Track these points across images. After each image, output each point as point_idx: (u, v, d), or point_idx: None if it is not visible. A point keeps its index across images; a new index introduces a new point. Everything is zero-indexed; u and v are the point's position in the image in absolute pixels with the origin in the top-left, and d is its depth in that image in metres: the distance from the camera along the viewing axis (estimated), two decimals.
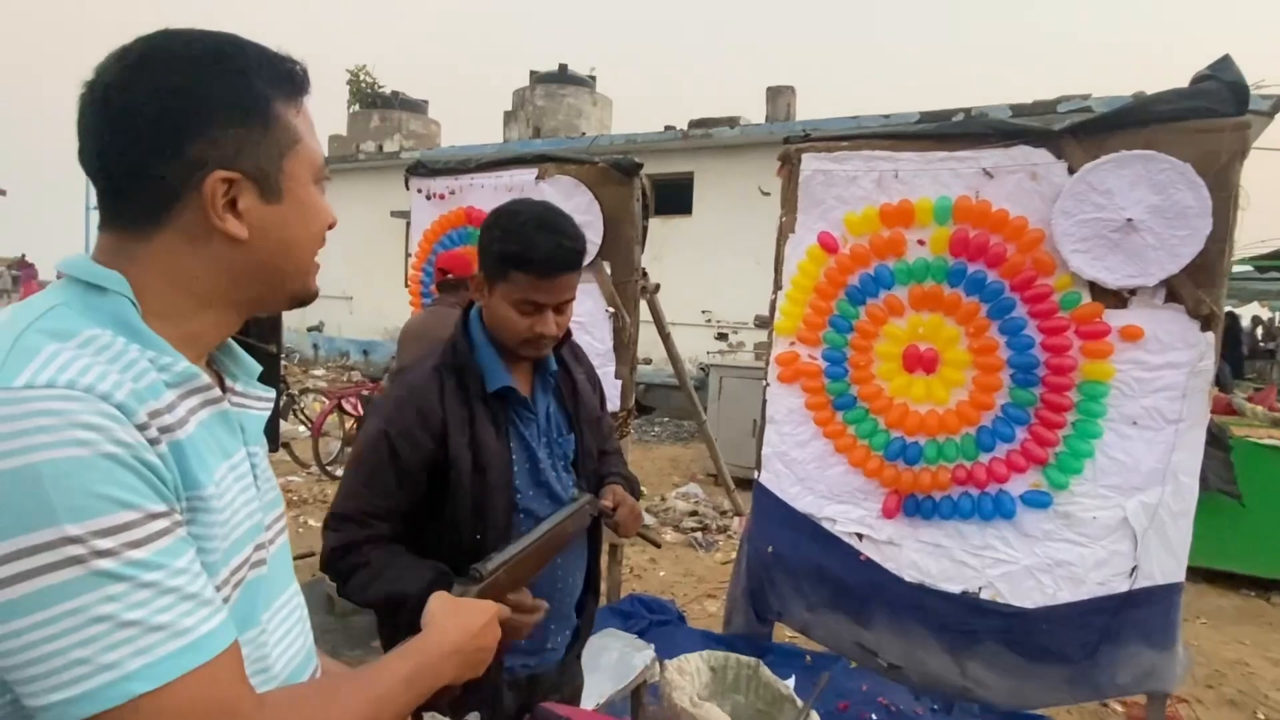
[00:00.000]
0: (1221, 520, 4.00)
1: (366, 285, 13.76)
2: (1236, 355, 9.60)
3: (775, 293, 2.78)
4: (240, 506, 0.72)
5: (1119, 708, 2.84)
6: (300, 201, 0.76)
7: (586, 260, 3.12)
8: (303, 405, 7.13)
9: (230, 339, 0.80)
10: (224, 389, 0.79)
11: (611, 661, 1.93)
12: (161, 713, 0.57)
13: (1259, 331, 15.90)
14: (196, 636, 0.60)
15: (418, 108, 17.56)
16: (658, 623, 2.95)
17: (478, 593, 1.04)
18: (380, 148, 15.86)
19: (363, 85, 17.99)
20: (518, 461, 1.34)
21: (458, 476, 1.28)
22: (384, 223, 12.88)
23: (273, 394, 0.87)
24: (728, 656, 1.63)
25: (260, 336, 1.63)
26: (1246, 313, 14.56)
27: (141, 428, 0.61)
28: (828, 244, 2.64)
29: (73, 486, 0.55)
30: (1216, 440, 3.87)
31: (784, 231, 2.75)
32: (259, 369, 0.86)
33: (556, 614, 1.39)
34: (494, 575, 1.07)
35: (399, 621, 1.16)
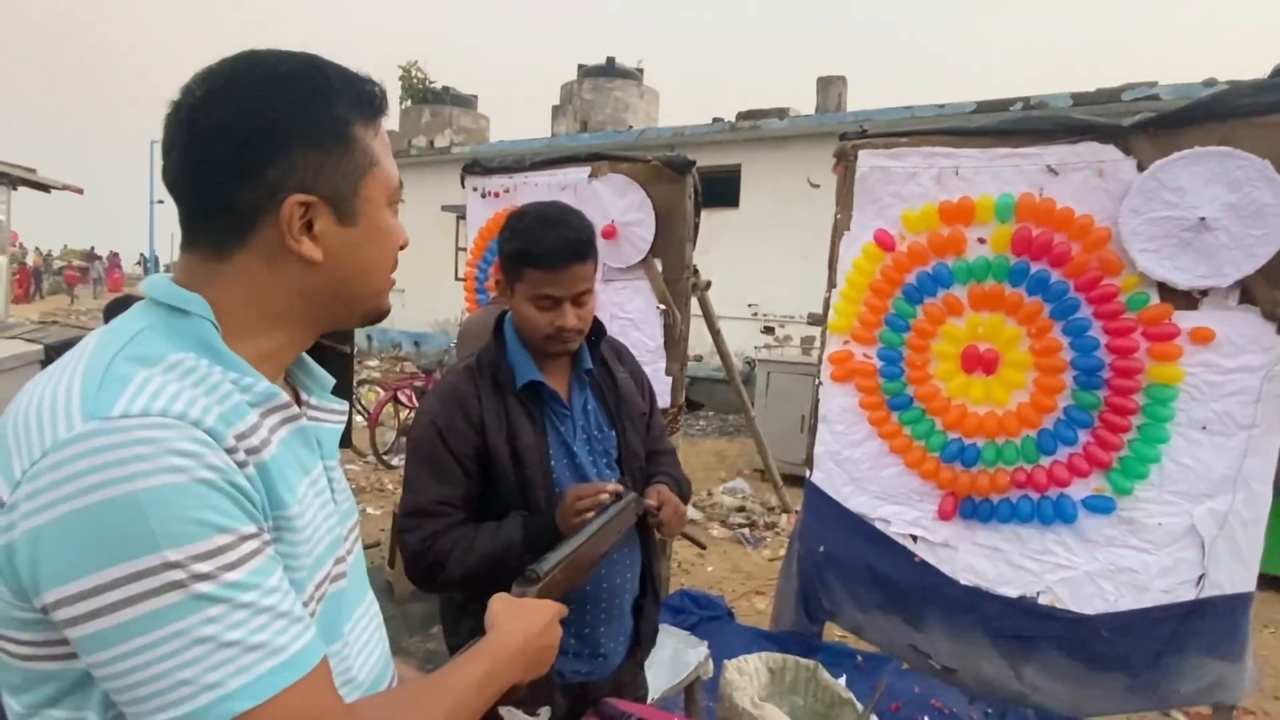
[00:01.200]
0: None
1: (418, 278, 13.96)
2: None
3: (829, 291, 2.77)
4: (321, 522, 0.74)
5: (1182, 717, 2.76)
6: (375, 225, 0.77)
7: (638, 258, 3.19)
8: (359, 395, 7.33)
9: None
10: (299, 402, 0.81)
11: (665, 658, 1.96)
12: None
13: None
14: (291, 654, 0.62)
15: (468, 103, 17.77)
16: (708, 618, 2.98)
17: (536, 593, 1.05)
18: (431, 143, 16.12)
19: (414, 81, 18.28)
20: (555, 456, 1.37)
21: (501, 469, 1.33)
22: (435, 217, 13.11)
23: (345, 406, 0.89)
24: (786, 658, 1.64)
25: (335, 338, 1.69)
26: None
27: (230, 451, 0.63)
28: (884, 242, 2.61)
29: (171, 513, 0.57)
30: None
31: (839, 229, 2.73)
32: (332, 381, 0.88)
33: (608, 617, 1.40)
34: (550, 575, 1.08)
35: (509, 569, 1.18)
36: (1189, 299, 2.17)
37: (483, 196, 3.73)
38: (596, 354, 1.47)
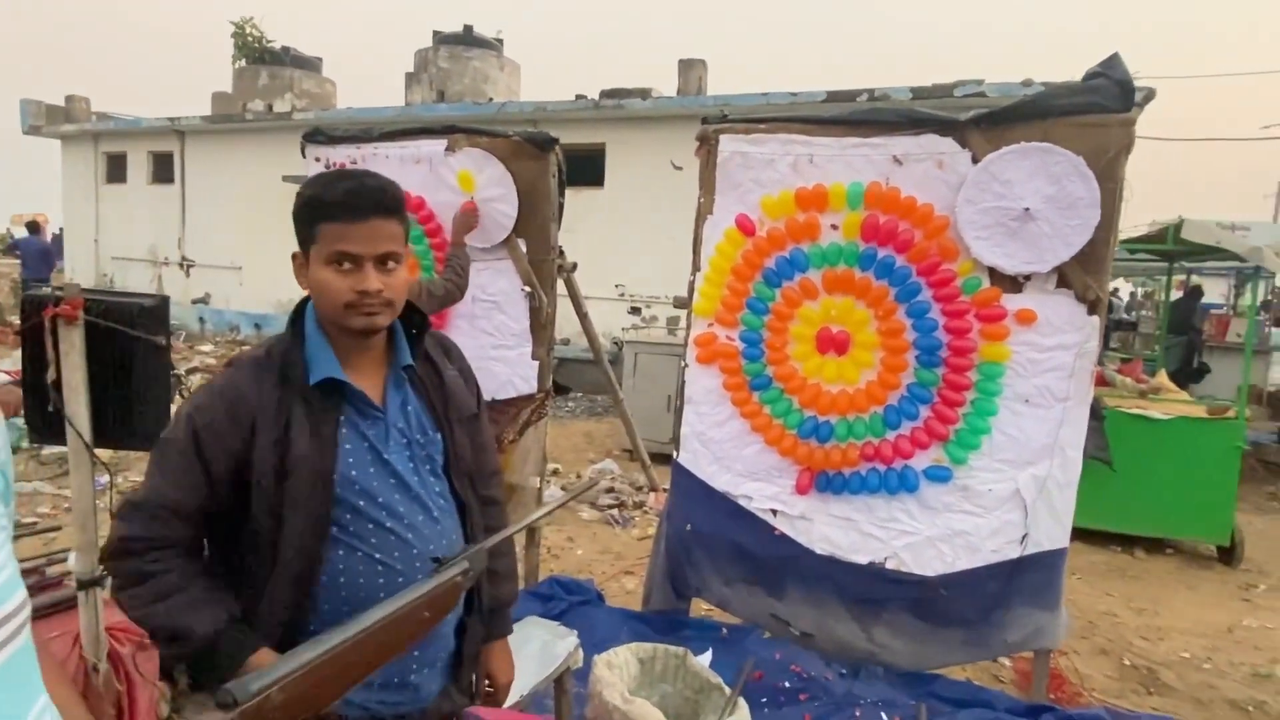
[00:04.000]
0: (1093, 483, 4.32)
1: (258, 254, 12.95)
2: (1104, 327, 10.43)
3: (694, 274, 2.79)
4: None
5: (1008, 663, 3.06)
6: None
7: (501, 236, 3.07)
8: (189, 385, 6.68)
9: None
10: None
11: (535, 650, 1.91)
12: None
13: (1124, 304, 17.38)
14: None
15: (311, 65, 16.47)
16: (577, 604, 2.95)
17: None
18: (270, 107, 14.83)
19: (249, 39, 16.70)
20: (358, 465, 1.17)
21: (260, 483, 1.13)
22: (276, 188, 12.11)
23: None
24: (655, 648, 1.64)
25: (147, 327, 1.48)
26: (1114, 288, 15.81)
27: None
28: (745, 226, 2.66)
29: None
30: (1092, 411, 4.20)
31: (702, 213, 2.75)
32: None
33: (422, 643, 1.17)
34: (258, 698, 0.76)
35: (178, 655, 1.06)
36: (1014, 283, 2.36)
37: (326, 168, 3.45)
38: (420, 349, 1.29)
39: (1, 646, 0.59)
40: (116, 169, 15.42)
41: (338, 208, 1.14)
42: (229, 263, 13.77)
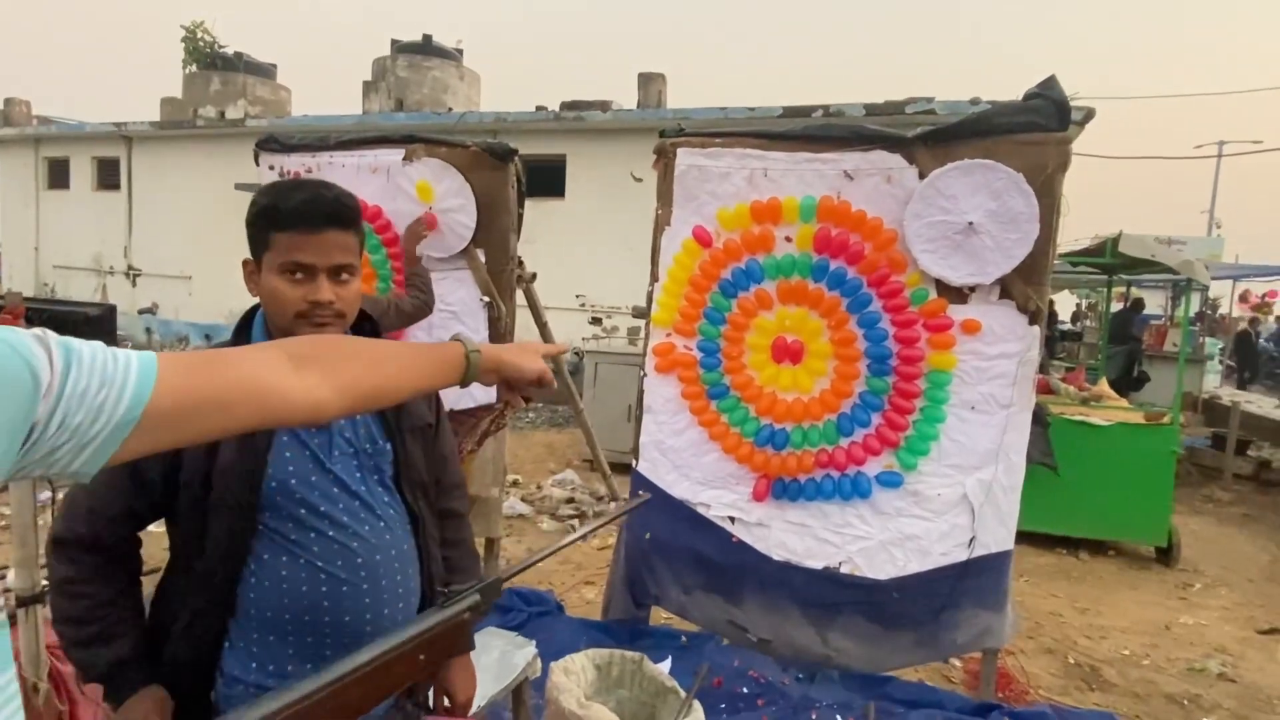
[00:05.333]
0: (1038, 488, 4.48)
1: (207, 264, 12.67)
2: (1049, 337, 10.79)
3: (652, 284, 2.82)
4: None
5: (959, 664, 3.14)
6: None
7: (460, 245, 3.06)
8: None
9: None
10: None
11: (493, 661, 1.91)
12: None
13: (1070, 314, 18.00)
14: None
15: (265, 72, 16.20)
16: (536, 614, 2.95)
17: None
18: (222, 114, 14.54)
19: (200, 44, 16.35)
20: (297, 476, 1.15)
21: (186, 483, 1.14)
22: (227, 196, 11.86)
23: None
24: (612, 653, 1.65)
25: (92, 338, 1.44)
26: (1057, 301, 16.39)
27: None
28: (702, 238, 2.70)
29: None
30: (1036, 417, 4.34)
31: (660, 224, 2.79)
32: None
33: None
34: None
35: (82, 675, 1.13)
36: (960, 294, 2.45)
37: (280, 176, 3.41)
38: None
39: None
40: (59, 174, 14.94)
41: (293, 217, 1.15)
42: (178, 272, 13.44)
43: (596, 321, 9.99)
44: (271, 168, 3.38)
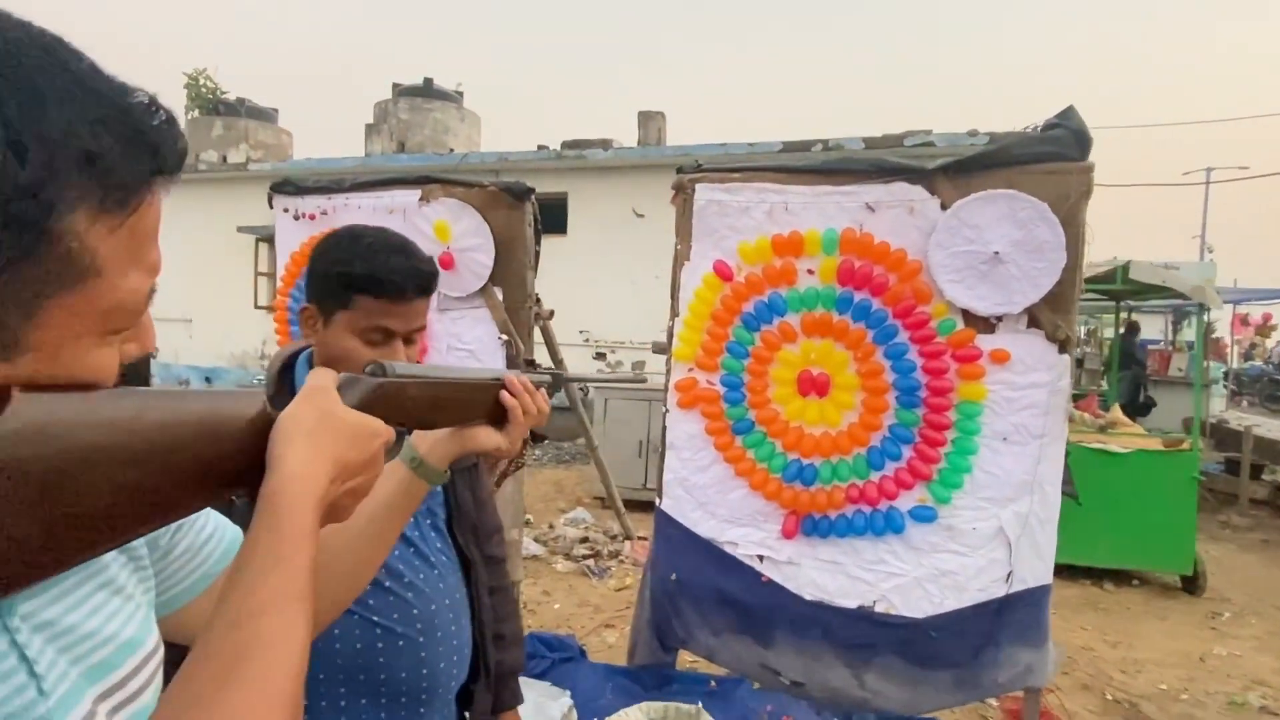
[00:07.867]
0: (1061, 518, 4.44)
1: (209, 307, 12.66)
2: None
3: (672, 319, 2.80)
4: None
5: (994, 703, 3.05)
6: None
7: (478, 285, 3.05)
8: None
9: None
10: None
11: (528, 713, 1.83)
12: None
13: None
14: None
15: (267, 116, 16.43)
16: (561, 660, 2.86)
17: (375, 387, 0.74)
18: (224, 158, 14.70)
19: (203, 90, 16.60)
20: None
21: None
22: (229, 238, 11.92)
23: None
24: (667, 707, 1.59)
25: (130, 383, 1.41)
26: None
27: None
28: (723, 272, 2.69)
29: None
30: None
31: (679, 259, 2.78)
32: None
33: (426, 711, 1.15)
34: (403, 379, 0.76)
35: None
36: (988, 324, 2.42)
37: (295, 218, 3.40)
38: None
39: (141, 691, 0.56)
40: None
41: (385, 285, 1.12)
42: (179, 315, 13.42)
43: (601, 356, 9.97)
44: (286, 210, 3.39)
